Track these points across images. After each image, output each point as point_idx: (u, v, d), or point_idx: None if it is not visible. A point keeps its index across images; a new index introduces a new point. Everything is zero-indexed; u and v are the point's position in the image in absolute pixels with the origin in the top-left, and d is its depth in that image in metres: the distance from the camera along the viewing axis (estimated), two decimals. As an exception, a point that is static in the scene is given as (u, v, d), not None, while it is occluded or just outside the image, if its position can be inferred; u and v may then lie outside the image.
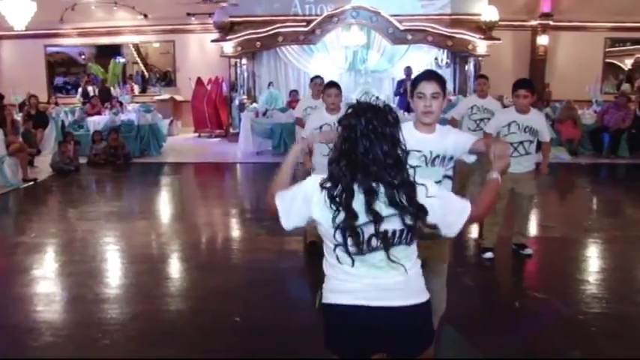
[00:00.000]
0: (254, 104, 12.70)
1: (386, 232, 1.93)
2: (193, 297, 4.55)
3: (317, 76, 6.83)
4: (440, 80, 2.78)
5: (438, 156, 2.84)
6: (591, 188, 9.48)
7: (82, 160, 10.47)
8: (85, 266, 5.15)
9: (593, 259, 5.62)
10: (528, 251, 5.32)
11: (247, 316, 4.10)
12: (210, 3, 13.52)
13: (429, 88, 2.72)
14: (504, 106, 6.97)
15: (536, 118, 5.02)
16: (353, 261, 1.98)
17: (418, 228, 1.96)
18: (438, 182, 2.71)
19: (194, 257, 5.53)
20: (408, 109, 12.08)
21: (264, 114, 11.73)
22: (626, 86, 15.40)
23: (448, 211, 2.02)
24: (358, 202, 1.91)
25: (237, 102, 13.41)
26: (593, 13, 14.25)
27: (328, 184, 1.95)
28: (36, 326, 3.96)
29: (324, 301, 2.12)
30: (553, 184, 9.43)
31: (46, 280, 4.92)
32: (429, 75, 2.80)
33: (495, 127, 5.10)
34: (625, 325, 4.01)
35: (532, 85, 5.00)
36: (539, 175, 5.34)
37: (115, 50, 16.15)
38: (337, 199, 1.92)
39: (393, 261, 1.95)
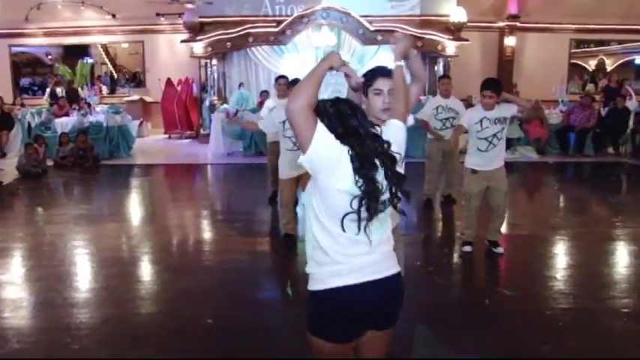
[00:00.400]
0: (225, 105, 12.65)
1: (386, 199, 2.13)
2: (164, 299, 4.52)
3: (281, 76, 6.87)
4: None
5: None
6: (558, 186, 9.68)
7: (49, 163, 10.30)
8: (54, 270, 5.08)
9: (561, 255, 5.76)
10: (500, 250, 5.42)
11: (219, 317, 4.09)
12: (179, 3, 13.40)
13: (386, 84, 2.68)
14: (470, 106, 7.13)
15: (503, 109, 5.09)
16: (359, 228, 2.07)
17: None
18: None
19: (165, 259, 5.50)
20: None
21: (235, 115, 11.69)
22: (590, 86, 15.78)
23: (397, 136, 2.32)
24: (377, 172, 2.09)
25: (207, 103, 13.34)
26: (559, 15, 14.58)
27: (352, 152, 2.06)
28: (2, 333, 3.89)
29: (323, 287, 2.12)
30: (521, 182, 9.63)
31: (12, 285, 4.84)
32: (386, 71, 2.72)
33: (468, 121, 5.23)
34: (591, 320, 4.12)
35: (498, 86, 5.07)
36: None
37: (82, 50, 15.91)
38: (362, 170, 2.04)
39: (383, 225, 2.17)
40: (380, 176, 2.09)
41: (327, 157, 2.03)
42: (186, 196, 8.94)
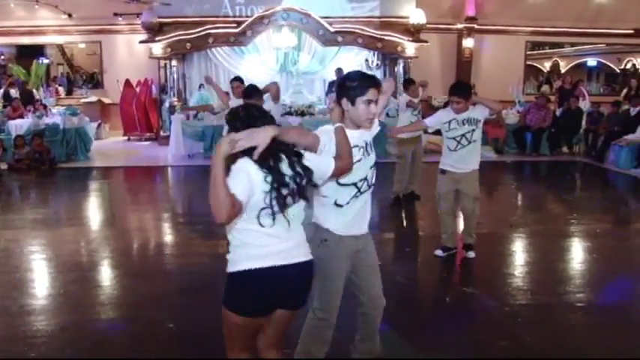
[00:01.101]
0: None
1: (294, 189, 2.40)
2: (125, 304, 4.45)
3: (236, 78, 6.89)
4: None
5: (368, 144, 2.93)
6: (516, 185, 9.92)
7: (3, 166, 10.03)
8: (9, 277, 4.95)
9: (519, 253, 5.90)
10: (471, 254, 5.37)
11: (181, 321, 4.05)
12: (138, 3, 13.20)
13: (376, 94, 2.77)
14: (431, 107, 7.30)
15: (474, 111, 5.05)
16: (274, 220, 2.36)
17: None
18: (372, 168, 2.93)
19: (125, 264, 5.41)
20: (340, 110, 12.23)
21: (195, 116, 11.60)
22: (545, 87, 16.20)
23: (319, 167, 2.52)
24: (284, 166, 2.38)
25: (167, 104, 13.18)
26: (515, 18, 14.92)
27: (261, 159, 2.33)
28: (-44, 342, 3.77)
29: (238, 269, 2.42)
30: (480, 181, 9.75)
31: (-34, 293, 4.69)
32: (378, 82, 2.79)
33: (436, 121, 5.17)
34: (548, 315, 4.23)
35: (464, 91, 5.04)
36: None
37: (37, 51, 15.54)
38: (269, 166, 2.34)
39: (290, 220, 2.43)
40: (285, 168, 2.38)
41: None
42: (147, 199, 8.82)
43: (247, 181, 2.28)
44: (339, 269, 2.93)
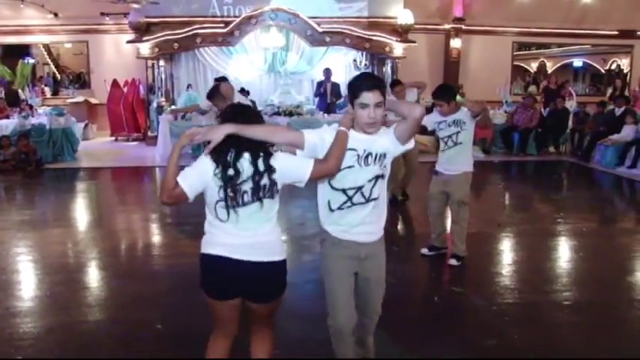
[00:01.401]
0: (172, 106, 12.47)
1: (252, 187, 2.50)
2: (112, 306, 4.43)
3: (222, 78, 6.92)
4: (382, 87, 2.66)
5: (370, 154, 2.72)
6: (503, 185, 9.98)
7: (-11, 167, 9.94)
8: (-5, 279, 4.91)
9: (506, 252, 5.94)
10: (453, 262, 5.24)
11: (169, 322, 4.04)
12: (125, 3, 13.12)
13: (372, 98, 2.61)
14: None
15: (459, 113, 5.10)
16: (228, 215, 2.52)
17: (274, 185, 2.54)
18: (370, 181, 2.74)
19: (113, 265, 5.38)
20: (328, 110, 12.27)
21: (183, 117, 11.55)
22: (532, 88, 16.31)
23: (291, 168, 2.56)
24: (244, 164, 2.49)
25: (155, 104, 13.12)
26: (502, 19, 15.03)
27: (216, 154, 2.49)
28: (-59, 345, 3.73)
29: (201, 251, 2.64)
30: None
31: (-49, 295, 4.64)
32: (372, 85, 2.64)
33: (429, 121, 5.15)
34: (535, 313, 4.27)
35: (446, 94, 5.08)
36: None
37: (23, 50, 15.41)
38: (226, 162, 2.48)
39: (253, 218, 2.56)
40: (245, 165, 2.49)
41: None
42: (134, 199, 8.77)
43: (196, 173, 2.51)
44: (337, 271, 2.86)
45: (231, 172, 2.46)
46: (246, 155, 2.48)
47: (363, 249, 2.85)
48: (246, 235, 2.56)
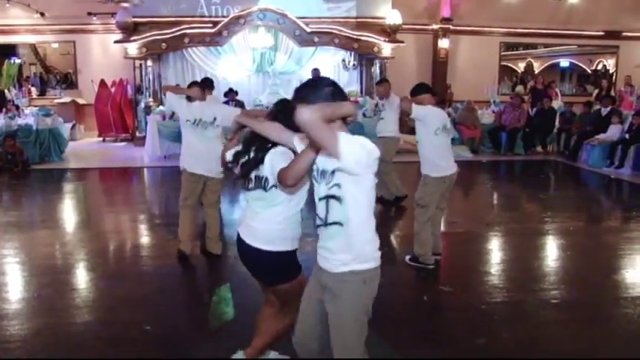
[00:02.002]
0: (160, 107, 12.41)
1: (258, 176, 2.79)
2: (101, 307, 4.40)
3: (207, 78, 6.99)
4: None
5: (325, 171, 2.38)
6: (491, 184, 10.04)
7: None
8: (-19, 281, 4.87)
9: (495, 251, 5.98)
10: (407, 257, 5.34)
11: (158, 323, 4.02)
12: (112, 2, 13.05)
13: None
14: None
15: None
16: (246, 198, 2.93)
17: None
18: (321, 200, 2.41)
19: (100, 266, 5.35)
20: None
21: (172, 117, 11.49)
22: (519, 88, 16.43)
23: (274, 165, 2.61)
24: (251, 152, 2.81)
25: (142, 105, 13.06)
26: (489, 19, 15.13)
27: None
28: None
29: None
30: (457, 181, 9.86)
31: (-64, 297, 4.60)
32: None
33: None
34: (523, 312, 4.30)
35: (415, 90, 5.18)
36: None
37: (9, 50, 15.25)
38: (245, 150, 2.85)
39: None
40: (252, 153, 2.80)
41: None
42: (123, 200, 8.73)
43: None
44: (308, 285, 2.66)
45: (244, 158, 2.82)
46: (256, 144, 2.78)
47: (323, 275, 2.49)
48: (250, 218, 2.87)
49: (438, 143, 4.99)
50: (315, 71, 12.69)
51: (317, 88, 2.41)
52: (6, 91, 13.83)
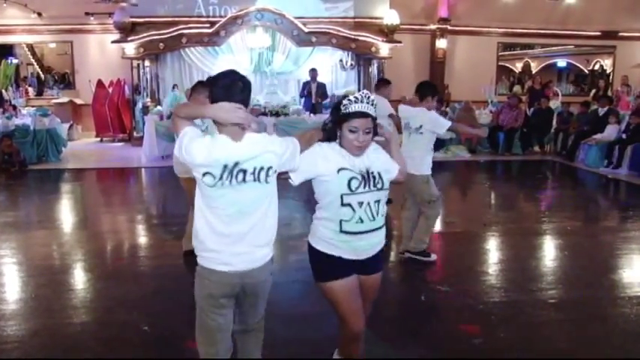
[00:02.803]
0: (158, 107, 12.41)
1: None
2: (98, 308, 4.40)
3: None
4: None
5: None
6: (489, 184, 10.05)
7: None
8: (-22, 281, 4.86)
9: (492, 251, 5.99)
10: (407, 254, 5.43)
11: (155, 324, 4.02)
12: (110, 2, 13.04)
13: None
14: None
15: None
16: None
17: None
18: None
19: (98, 266, 5.34)
20: (313, 110, 12.28)
21: (169, 117, 11.49)
22: (517, 88, 16.45)
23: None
24: None
25: (140, 105, 13.05)
26: (486, 19, 15.14)
27: None
28: None
29: None
30: (454, 181, 9.92)
31: None
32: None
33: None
34: (520, 312, 4.30)
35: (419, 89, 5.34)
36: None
37: (6, 50, 15.23)
38: None
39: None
40: None
41: None
42: (120, 200, 8.73)
43: None
44: None
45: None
46: None
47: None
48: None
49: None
50: (313, 72, 12.69)
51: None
52: (3, 91, 13.82)
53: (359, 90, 14.13)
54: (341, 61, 14.25)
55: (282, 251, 5.64)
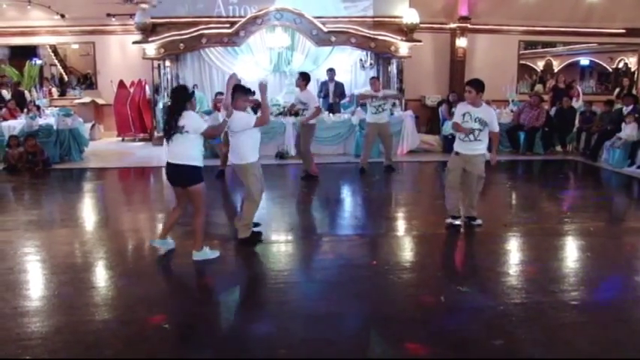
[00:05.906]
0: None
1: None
2: (119, 306, 4.44)
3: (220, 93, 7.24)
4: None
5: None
6: (510, 184, 9.94)
7: (-2, 167, 9.99)
8: (2, 279, 4.94)
9: (513, 252, 5.92)
10: (478, 221, 6.42)
11: (176, 322, 4.05)
12: (131, 3, 13.16)
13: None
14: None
15: (485, 111, 6.15)
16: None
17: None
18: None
19: (119, 264, 5.40)
20: (332, 110, 12.28)
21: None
22: (538, 87, 16.27)
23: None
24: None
25: (161, 105, 13.15)
26: (507, 17, 14.98)
27: None
28: (-51, 345, 3.75)
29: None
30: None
31: (-41, 295, 4.67)
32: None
33: (457, 116, 6.26)
34: (542, 313, 4.24)
35: (477, 84, 6.14)
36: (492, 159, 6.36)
37: (30, 51, 15.47)
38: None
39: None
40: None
41: None
42: (141, 199, 8.81)
43: None
44: None
45: None
46: None
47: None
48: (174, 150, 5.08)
49: None
50: (330, 71, 12.70)
51: None
52: (26, 91, 14.02)
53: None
54: (360, 60, 14.22)
55: (302, 251, 5.65)
